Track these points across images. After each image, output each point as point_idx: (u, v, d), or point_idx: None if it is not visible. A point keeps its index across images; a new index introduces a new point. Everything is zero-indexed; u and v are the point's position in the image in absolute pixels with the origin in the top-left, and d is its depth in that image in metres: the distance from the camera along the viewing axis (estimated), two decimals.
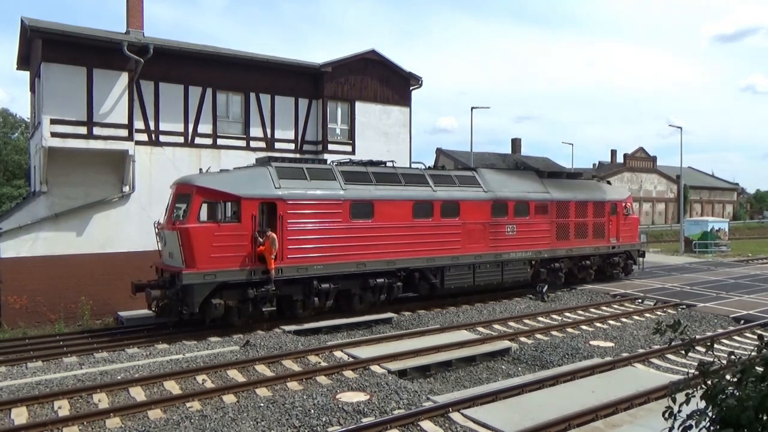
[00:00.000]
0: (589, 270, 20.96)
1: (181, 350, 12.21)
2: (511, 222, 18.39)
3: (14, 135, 56.99)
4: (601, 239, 21.11)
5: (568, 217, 20.05)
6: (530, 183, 19.65)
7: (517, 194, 18.79)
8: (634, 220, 22.85)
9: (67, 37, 16.87)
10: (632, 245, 22.64)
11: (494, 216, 17.96)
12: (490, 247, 17.86)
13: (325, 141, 21.64)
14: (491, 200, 17.96)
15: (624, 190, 23.20)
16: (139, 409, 8.85)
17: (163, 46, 18.37)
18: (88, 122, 16.97)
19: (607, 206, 21.39)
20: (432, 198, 16.64)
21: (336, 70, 21.83)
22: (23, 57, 20.71)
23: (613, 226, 21.52)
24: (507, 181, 19.08)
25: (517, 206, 18.63)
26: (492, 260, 17.91)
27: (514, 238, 18.48)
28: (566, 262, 20.11)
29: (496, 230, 18.03)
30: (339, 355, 11.84)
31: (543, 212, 19.31)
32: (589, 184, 22.10)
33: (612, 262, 21.75)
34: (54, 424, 8.21)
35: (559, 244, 19.78)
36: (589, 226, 20.76)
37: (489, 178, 18.61)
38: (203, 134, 19.35)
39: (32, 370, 10.89)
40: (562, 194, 20.08)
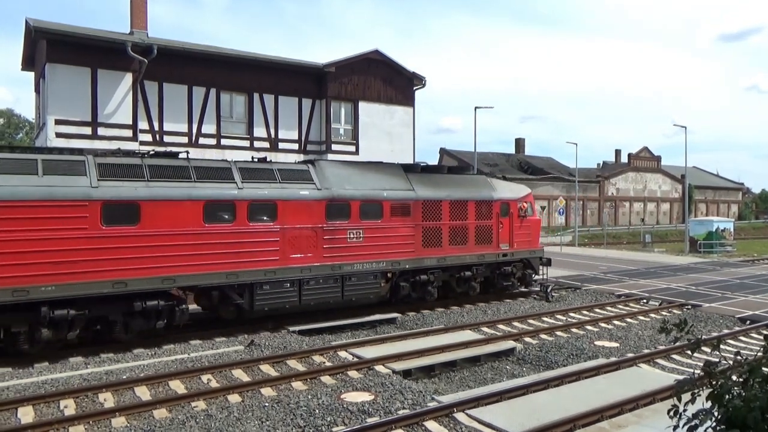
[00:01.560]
0: (471, 282, 17.47)
1: (187, 350, 12.24)
2: (355, 226, 14.80)
3: (19, 135, 57.29)
4: (487, 245, 17.50)
5: (440, 220, 16.44)
6: (389, 179, 15.89)
7: (364, 192, 15.08)
8: (533, 223, 19.10)
9: (71, 37, 16.97)
10: (531, 252, 18.90)
11: (331, 219, 14.40)
12: (325, 258, 14.28)
13: (329, 141, 21.68)
14: (326, 199, 14.35)
15: (521, 188, 19.44)
16: (144, 408, 8.87)
17: (166, 46, 18.44)
18: (92, 122, 17.06)
19: (495, 206, 17.77)
20: (235, 197, 13.11)
21: (339, 70, 21.87)
22: (28, 58, 20.83)
23: (504, 230, 17.97)
24: (354, 176, 15.32)
25: (365, 207, 15.00)
26: (327, 274, 14.35)
27: (361, 245, 14.88)
28: (439, 273, 16.58)
29: (333, 236, 14.41)
30: (344, 355, 11.85)
31: (403, 214, 15.70)
32: (473, 180, 18.25)
33: (504, 273, 18.15)
34: (60, 423, 8.24)
35: (428, 252, 16.16)
36: (470, 229, 17.16)
37: (329, 173, 14.89)
38: (207, 134, 19.43)
39: (38, 369, 10.93)
40: (431, 192, 16.41)
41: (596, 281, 22.52)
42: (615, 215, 66.74)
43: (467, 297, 17.59)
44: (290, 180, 14.18)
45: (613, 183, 67.45)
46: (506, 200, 18.19)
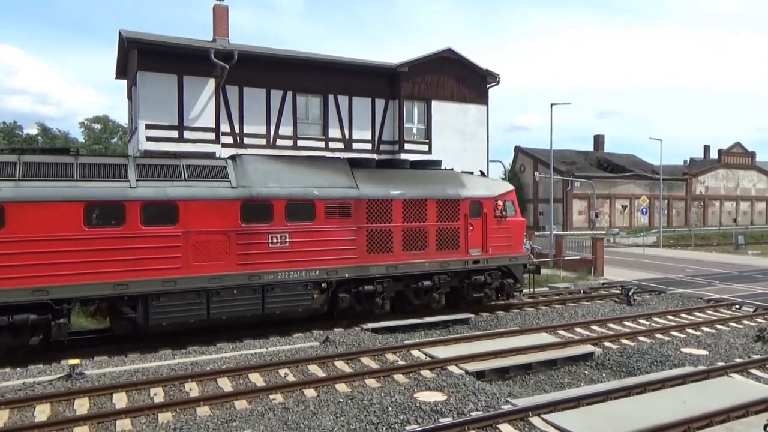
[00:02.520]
0: (432, 294, 15.22)
1: (265, 344, 12.70)
2: (279, 230, 13.06)
3: (114, 139, 61.43)
4: (452, 251, 15.25)
5: (390, 222, 14.41)
6: (326, 175, 14.00)
7: (291, 190, 13.30)
8: (514, 225, 16.45)
9: (160, 47, 17.99)
10: (511, 258, 16.30)
11: (248, 221, 12.75)
12: (240, 266, 12.65)
13: (402, 141, 21.77)
14: (242, 199, 12.72)
15: (499, 185, 16.97)
16: (226, 399, 9.29)
17: (246, 52, 19.17)
18: (179, 126, 18.01)
19: (463, 205, 15.44)
20: (124, 197, 11.60)
21: (412, 69, 21.91)
22: (121, 67, 22.26)
23: (475, 233, 15.61)
24: (283, 172, 13.56)
25: (292, 207, 13.22)
26: (243, 284, 12.71)
27: (286, 252, 13.11)
28: (389, 283, 14.55)
29: (250, 241, 12.76)
30: (416, 354, 11.89)
31: (342, 215, 13.80)
32: (437, 176, 15.73)
33: (474, 283, 15.81)
34: (150, 410, 8.78)
35: (374, 258, 14.19)
36: (430, 233, 14.97)
37: (251, 169, 13.23)
38: (284, 136, 20.02)
39: (131, 358, 11.68)
40: (380, 189, 14.37)
41: (682, 285, 21.32)
42: (704, 215, 62.87)
43: (430, 310, 15.32)
44: (199, 177, 12.55)
45: (701, 181, 63.56)
46: (478, 199, 15.72)
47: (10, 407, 8.90)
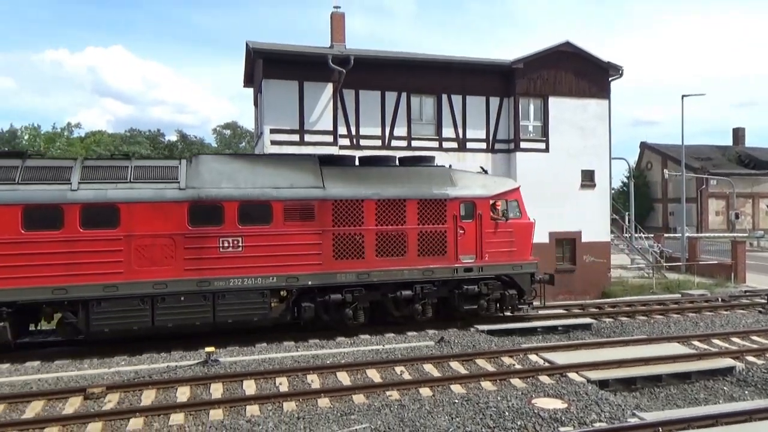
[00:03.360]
0: (415, 305, 13.76)
1: (382, 342, 12.99)
2: (231, 233, 12.33)
3: (242, 144, 65.96)
4: (437, 257, 13.77)
5: (362, 224, 13.21)
6: (288, 174, 13.07)
7: (245, 191, 12.54)
8: (519, 228, 14.55)
9: (282, 55, 19.04)
10: (514, 266, 14.39)
11: (196, 224, 12.15)
12: (187, 272, 12.06)
13: (518, 139, 21.26)
14: (190, 201, 12.13)
15: (499, 182, 15.06)
16: (345, 392, 9.63)
17: (362, 56, 19.71)
18: (300, 130, 18.94)
19: (451, 206, 13.88)
20: (63, 200, 11.45)
21: (528, 65, 21.31)
22: (248, 76, 23.82)
23: (466, 237, 13.97)
24: (240, 172, 12.84)
25: (246, 209, 12.46)
26: (191, 291, 12.11)
27: (239, 257, 12.36)
28: (362, 293, 13.33)
29: (200, 246, 12.15)
30: (534, 359, 11.56)
31: (304, 217, 12.82)
32: (422, 174, 14.21)
33: (466, 293, 14.08)
34: (276, 398, 9.33)
35: (342, 265, 13.07)
36: (410, 237, 13.56)
37: (204, 170, 12.62)
38: (399, 137, 20.34)
39: (259, 348, 12.48)
40: (350, 189, 13.22)
41: None
42: None
43: (410, 320, 13.99)
44: (145, 179, 12.14)
45: None
46: (470, 198, 14.06)
47: (157, 387, 9.87)
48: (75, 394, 9.52)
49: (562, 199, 21.25)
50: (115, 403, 9.28)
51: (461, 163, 20.79)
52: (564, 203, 21.30)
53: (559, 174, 21.42)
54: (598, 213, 22.10)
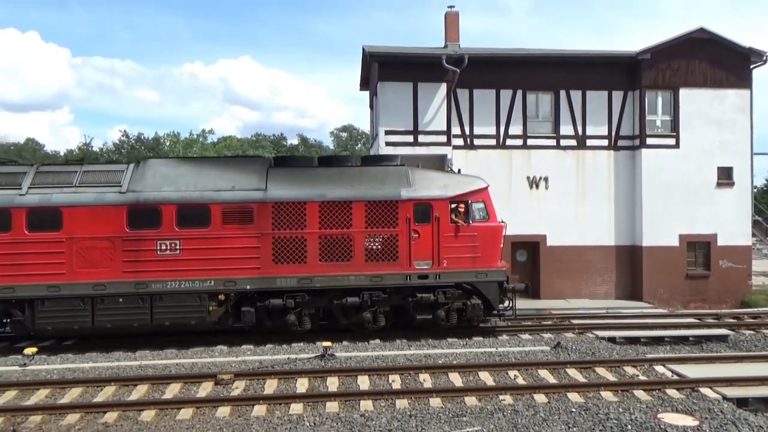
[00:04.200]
0: (364, 313, 13.10)
1: (495, 344, 12.80)
2: (169, 236, 12.50)
3: (357, 146, 68.05)
4: (389, 263, 12.98)
5: (304, 228, 12.78)
6: (232, 177, 12.97)
7: (184, 195, 12.66)
8: (483, 232, 13.31)
9: (397, 57, 19.36)
10: (477, 273, 13.17)
11: (134, 227, 12.47)
12: (126, 274, 12.39)
13: (643, 135, 19.94)
14: (128, 204, 12.48)
15: (462, 182, 13.76)
16: (457, 393, 9.60)
17: (476, 54, 19.50)
18: (414, 131, 19.14)
19: (404, 208, 13.01)
20: (11, 204, 12.17)
21: (655, 56, 19.89)
22: (364, 79, 24.49)
23: (422, 242, 13.03)
24: (183, 175, 12.97)
25: (185, 212, 12.57)
26: (129, 292, 12.42)
27: (177, 260, 12.50)
28: (305, 298, 12.93)
29: (137, 248, 12.44)
30: (660, 371, 10.79)
31: (243, 220, 12.68)
32: (376, 174, 13.42)
33: (421, 302, 13.09)
34: (389, 395, 9.52)
35: (282, 269, 12.75)
36: (358, 241, 12.91)
37: (149, 173, 12.90)
38: (514, 135, 19.88)
39: (372, 345, 12.81)
40: (292, 191, 12.86)
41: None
42: None
43: (360, 328, 13.35)
44: (90, 184, 12.66)
45: None
46: (425, 200, 13.10)
47: (279, 377, 10.48)
48: (207, 379, 10.37)
49: (694, 199, 19.61)
50: (241, 389, 9.98)
51: (580, 161, 19.93)
52: (696, 204, 19.64)
53: (690, 172, 19.79)
54: (736, 214, 20.10)
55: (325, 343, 12.02)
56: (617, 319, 15.67)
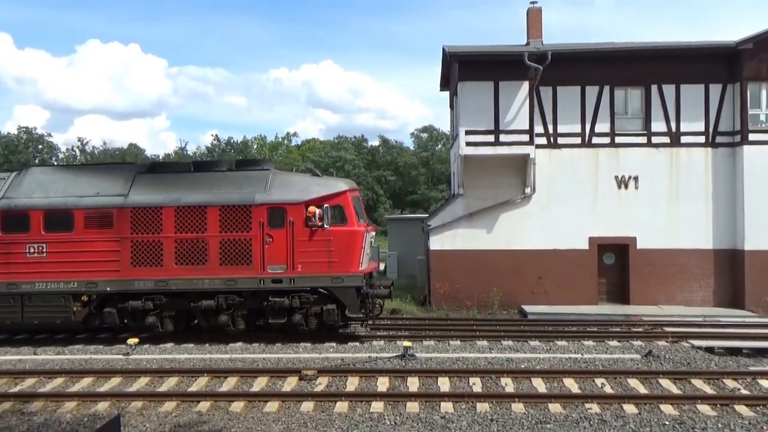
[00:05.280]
0: (220, 316, 13.13)
1: (580, 350, 12.37)
2: (36, 240, 13.25)
3: (437, 146, 67.97)
4: (242, 267, 13.00)
5: (160, 232, 13.07)
6: (97, 183, 13.61)
7: (51, 201, 13.35)
8: (339, 236, 13.01)
9: (477, 56, 19.10)
10: (333, 278, 12.96)
11: (7, 231, 13.36)
12: (0, 275, 13.23)
13: (745, 130, 18.51)
14: (2, 210, 13.43)
15: (321, 185, 13.52)
16: (540, 399, 9.37)
17: (559, 50, 18.88)
18: (495, 131, 18.82)
19: (257, 212, 13.00)
20: None
21: (759, 45, 18.39)
22: (444, 79, 24.36)
23: (275, 246, 12.96)
24: (57, 182, 13.74)
25: (51, 217, 13.26)
26: (2, 292, 13.19)
27: (44, 262, 13.20)
28: (163, 300, 13.16)
29: (9, 251, 13.25)
30: (766, 385, 10.00)
31: (103, 225, 13.18)
32: (232, 178, 13.58)
33: (275, 306, 12.97)
34: (470, 397, 9.44)
35: (140, 272, 13.08)
36: (212, 245, 13.01)
37: (26, 181, 13.83)
38: (600, 133, 19.08)
39: (453, 347, 12.75)
40: (150, 197, 13.23)
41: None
42: None
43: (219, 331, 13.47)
44: None
45: None
46: (279, 204, 13.02)
47: (360, 375, 10.67)
48: (292, 374, 10.74)
49: None
50: (324, 386, 10.25)
51: (674, 159, 18.83)
52: None
53: None
54: None
55: (406, 343, 12.10)
56: (716, 327, 14.69)
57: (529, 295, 18.14)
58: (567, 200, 18.56)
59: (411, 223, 26.98)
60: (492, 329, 14.50)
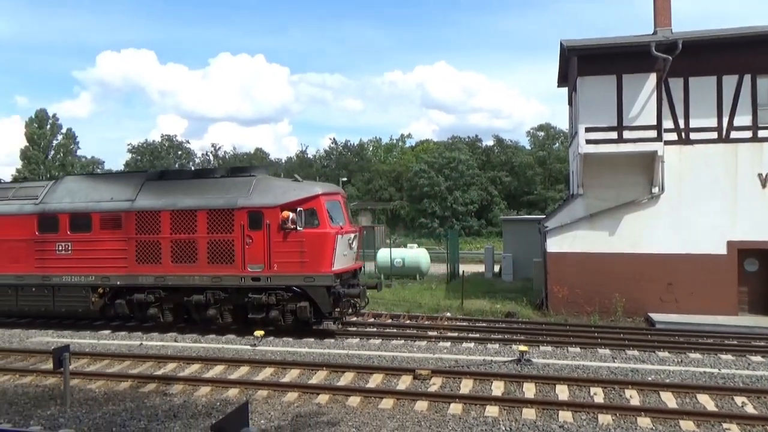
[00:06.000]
0: (209, 310, 14.35)
1: (717, 364, 11.34)
2: (64, 239, 15.36)
3: (555, 145, 65.49)
4: (226, 265, 14.20)
5: (159, 233, 14.64)
6: (113, 189, 15.52)
7: (75, 205, 15.42)
8: (310, 238, 13.68)
9: (598, 50, 18.14)
10: (306, 278, 13.69)
11: (42, 231, 15.56)
12: (37, 268, 15.50)
13: None
14: (37, 214, 15.64)
15: (296, 190, 14.18)
16: (670, 415, 8.71)
17: (692, 38, 17.43)
18: (618, 127, 17.78)
19: (239, 215, 14.08)
20: None
21: None
22: (562, 75, 23.43)
23: (255, 247, 14.01)
24: (81, 190, 15.78)
25: (75, 220, 15.34)
26: (39, 283, 15.48)
27: (69, 258, 15.31)
28: (163, 295, 14.75)
29: (44, 248, 15.51)
30: None
31: (114, 226, 14.97)
32: (223, 184, 14.82)
33: (252, 303, 14.00)
34: (590, 408, 9.01)
35: (143, 269, 14.79)
36: (201, 245, 14.36)
37: (62, 188, 16.07)
38: (740, 127, 17.35)
39: (572, 354, 12.24)
40: (151, 201, 14.84)
41: None
42: None
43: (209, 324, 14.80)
44: (18, 198, 16.20)
45: None
46: (257, 208, 13.98)
47: (474, 378, 10.58)
48: (406, 373, 10.89)
49: None
50: (438, 386, 10.29)
51: None
52: None
53: None
54: None
55: (522, 347, 11.82)
56: None
57: (657, 303, 16.91)
58: (701, 200, 17.08)
59: (527, 225, 26.24)
60: (615, 337, 13.74)
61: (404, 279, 25.49)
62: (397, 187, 69.88)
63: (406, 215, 64.90)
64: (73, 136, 77.33)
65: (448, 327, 15.25)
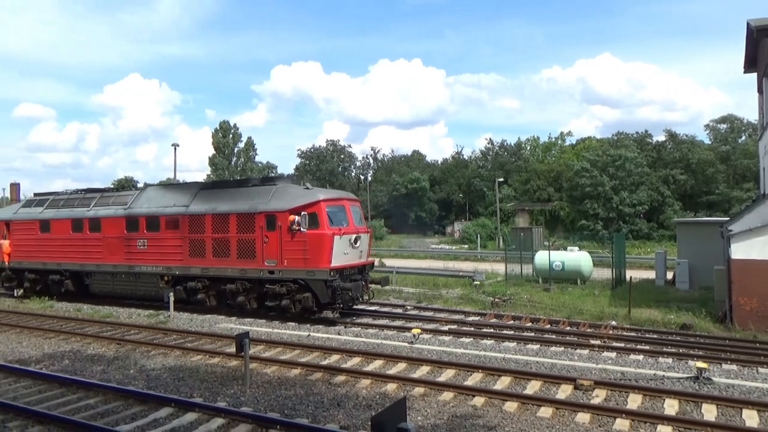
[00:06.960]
0: (238, 297, 17.05)
1: None
2: (143, 237, 18.71)
3: (741, 138, 58.03)
4: (250, 260, 16.67)
5: (204, 232, 17.52)
6: (176, 197, 18.87)
7: (150, 210, 18.80)
8: (312, 238, 15.72)
9: None
10: (308, 272, 15.78)
11: (129, 231, 18.99)
12: (126, 259, 19.01)
13: None
14: (126, 216, 19.13)
15: (302, 197, 16.30)
16: None
17: None
18: None
19: (258, 219, 16.54)
20: (84, 216, 20.24)
21: None
22: (749, 60, 20.74)
23: (270, 245, 16.33)
24: (155, 197, 19.29)
25: (149, 221, 18.67)
26: (127, 271, 19.12)
27: (146, 252, 18.66)
28: (209, 283, 17.70)
29: (130, 244, 18.94)
30: None
31: (174, 227, 18.14)
32: (248, 193, 17.51)
33: (269, 293, 16.46)
34: None
35: (193, 261, 17.75)
36: (232, 243, 17.00)
37: (144, 196, 19.68)
38: None
39: (763, 375, 10.79)
40: (199, 207, 17.82)
41: None
42: None
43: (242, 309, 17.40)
44: (112, 204, 20.02)
45: None
46: (272, 212, 16.39)
47: (644, 393, 9.79)
48: (566, 382, 10.42)
49: None
50: (602, 398, 9.70)
51: None
52: None
53: None
54: None
55: (700, 364, 10.70)
56: None
57: None
58: None
59: (706, 228, 23.54)
60: None
61: (563, 283, 24.36)
62: (556, 187, 66.92)
63: (565, 216, 61.84)
64: (252, 144, 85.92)
65: (613, 336, 14.29)
